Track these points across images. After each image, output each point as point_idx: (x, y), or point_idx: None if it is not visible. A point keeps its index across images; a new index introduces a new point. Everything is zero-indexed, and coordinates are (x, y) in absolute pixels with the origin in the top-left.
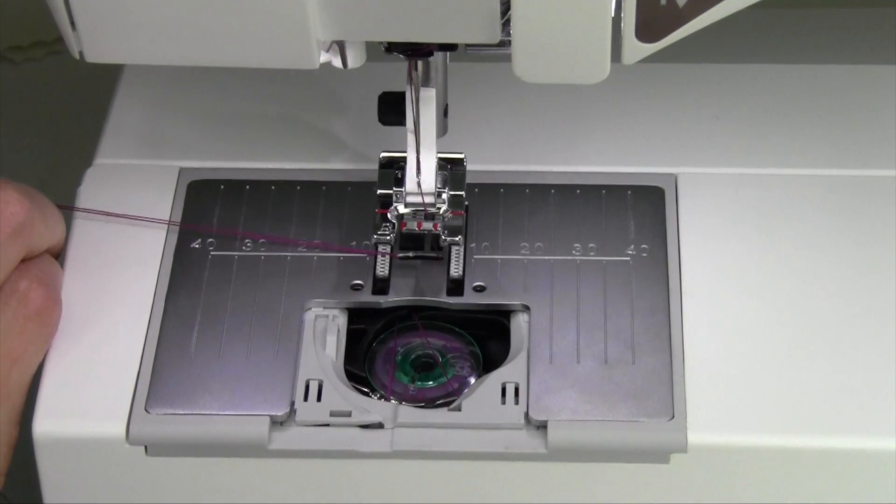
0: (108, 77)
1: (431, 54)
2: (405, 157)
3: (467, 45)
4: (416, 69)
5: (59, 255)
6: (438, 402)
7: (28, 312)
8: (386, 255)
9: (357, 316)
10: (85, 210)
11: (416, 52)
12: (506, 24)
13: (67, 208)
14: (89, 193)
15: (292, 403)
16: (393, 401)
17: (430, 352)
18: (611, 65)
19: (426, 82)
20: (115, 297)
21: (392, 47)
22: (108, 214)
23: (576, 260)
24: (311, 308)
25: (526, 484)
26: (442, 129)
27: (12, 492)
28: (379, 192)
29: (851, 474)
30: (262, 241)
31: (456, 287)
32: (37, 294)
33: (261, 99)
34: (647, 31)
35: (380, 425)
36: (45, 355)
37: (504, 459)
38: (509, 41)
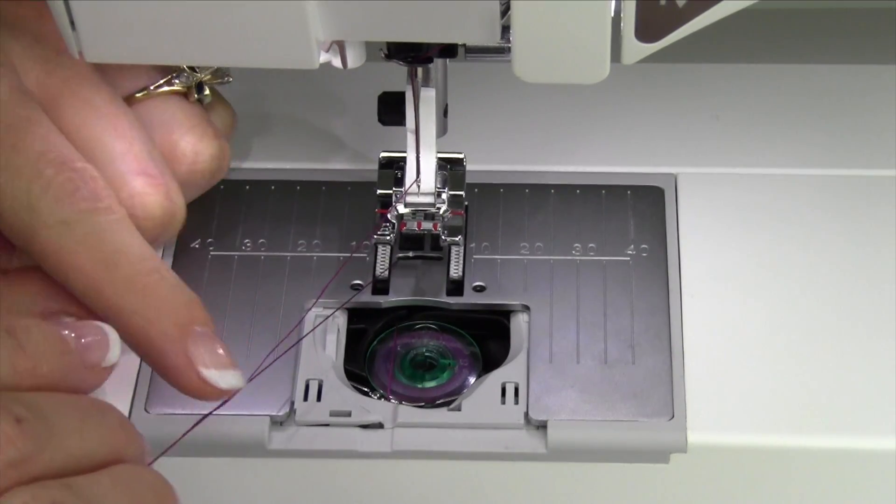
0: None
1: (431, 61)
2: (405, 157)
3: (467, 52)
4: (417, 75)
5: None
6: (438, 402)
7: None
8: (386, 252)
9: (357, 316)
10: None
11: (415, 59)
12: (505, 30)
13: None
14: None
15: (292, 403)
16: (393, 401)
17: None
18: (611, 65)
19: (426, 82)
20: None
21: (392, 55)
22: None
23: (576, 260)
24: (310, 308)
25: (526, 484)
26: (442, 129)
27: None
28: (379, 192)
29: (851, 474)
30: (261, 241)
31: (456, 287)
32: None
33: (261, 99)
34: (646, 31)
35: (380, 425)
36: None
37: (504, 459)
38: (509, 48)
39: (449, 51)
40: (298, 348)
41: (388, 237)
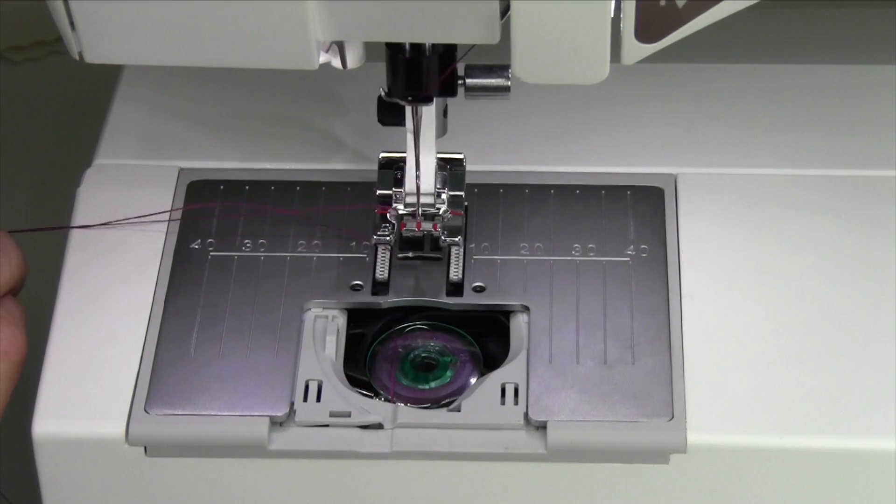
0: (108, 77)
1: (431, 101)
2: (405, 157)
3: (466, 91)
4: (417, 114)
5: (19, 289)
6: (438, 403)
7: None
8: (386, 254)
9: (357, 316)
10: (81, 227)
11: (415, 98)
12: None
13: (58, 228)
14: (89, 194)
15: (292, 404)
16: (395, 402)
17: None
18: (611, 65)
19: None
20: (115, 297)
21: (392, 94)
22: (102, 226)
23: (575, 260)
24: (310, 308)
25: (526, 484)
26: (442, 129)
27: (12, 492)
28: (378, 192)
29: (851, 474)
30: (261, 241)
31: (455, 288)
32: (2, 334)
33: (261, 99)
34: (646, 31)
35: (379, 426)
36: (45, 355)
37: (504, 460)
38: (508, 87)
39: (448, 89)
40: (298, 349)
41: (387, 237)
